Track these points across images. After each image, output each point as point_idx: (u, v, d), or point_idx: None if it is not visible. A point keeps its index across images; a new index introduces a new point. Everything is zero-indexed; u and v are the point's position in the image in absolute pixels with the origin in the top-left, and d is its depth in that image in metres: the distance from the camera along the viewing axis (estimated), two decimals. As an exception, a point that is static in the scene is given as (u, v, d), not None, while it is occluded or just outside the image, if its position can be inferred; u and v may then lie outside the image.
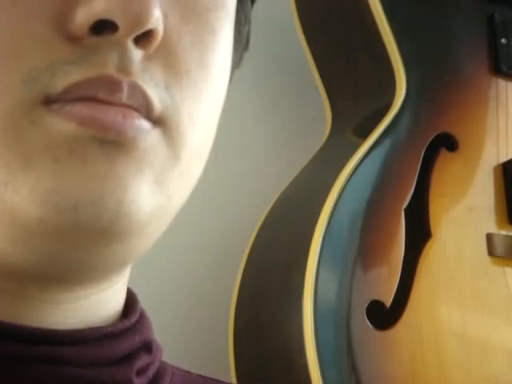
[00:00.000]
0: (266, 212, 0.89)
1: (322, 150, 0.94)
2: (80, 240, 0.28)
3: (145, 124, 0.28)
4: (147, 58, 0.29)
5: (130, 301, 0.37)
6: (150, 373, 0.34)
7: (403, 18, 0.91)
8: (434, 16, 0.94)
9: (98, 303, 0.33)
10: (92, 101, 0.27)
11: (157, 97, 0.29)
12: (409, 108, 0.87)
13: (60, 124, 0.27)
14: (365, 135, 0.85)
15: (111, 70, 0.27)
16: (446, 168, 0.86)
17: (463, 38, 0.96)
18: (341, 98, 0.99)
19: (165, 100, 0.29)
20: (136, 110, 0.28)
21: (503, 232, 0.86)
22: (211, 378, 0.41)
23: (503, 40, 0.95)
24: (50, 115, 0.27)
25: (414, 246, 0.80)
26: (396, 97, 0.87)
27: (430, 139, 0.86)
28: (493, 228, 0.85)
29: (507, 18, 0.97)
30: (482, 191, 0.87)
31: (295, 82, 1.09)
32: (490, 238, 0.84)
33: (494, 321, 0.81)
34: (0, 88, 0.27)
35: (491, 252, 0.83)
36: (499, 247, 0.84)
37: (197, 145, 0.31)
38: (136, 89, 0.28)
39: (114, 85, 0.27)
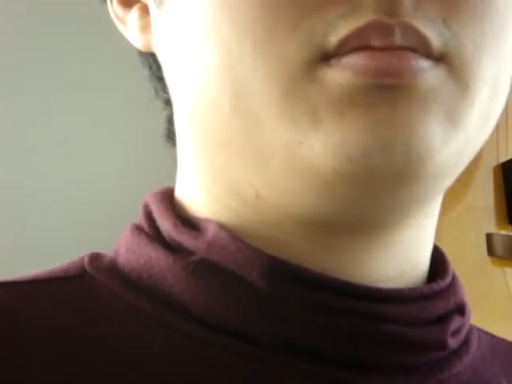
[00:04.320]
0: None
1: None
2: (374, 184, 0.28)
3: (423, 63, 0.28)
4: None
5: (441, 261, 0.36)
6: (462, 335, 0.34)
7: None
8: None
9: (405, 252, 0.33)
10: (367, 49, 0.27)
11: (434, 33, 0.28)
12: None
13: (337, 76, 0.27)
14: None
15: (380, 15, 0.27)
16: (446, 168, 0.86)
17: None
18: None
19: (444, 35, 0.28)
20: (413, 50, 0.28)
21: (503, 232, 0.86)
22: None
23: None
24: (327, 69, 0.28)
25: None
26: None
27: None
28: (492, 228, 0.85)
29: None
30: (482, 191, 0.87)
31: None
32: (489, 237, 0.84)
33: (494, 321, 0.81)
34: (277, 54, 0.28)
35: (491, 252, 0.83)
36: (499, 247, 0.83)
37: (486, 73, 0.30)
38: (408, 29, 0.28)
39: (384, 29, 0.27)
